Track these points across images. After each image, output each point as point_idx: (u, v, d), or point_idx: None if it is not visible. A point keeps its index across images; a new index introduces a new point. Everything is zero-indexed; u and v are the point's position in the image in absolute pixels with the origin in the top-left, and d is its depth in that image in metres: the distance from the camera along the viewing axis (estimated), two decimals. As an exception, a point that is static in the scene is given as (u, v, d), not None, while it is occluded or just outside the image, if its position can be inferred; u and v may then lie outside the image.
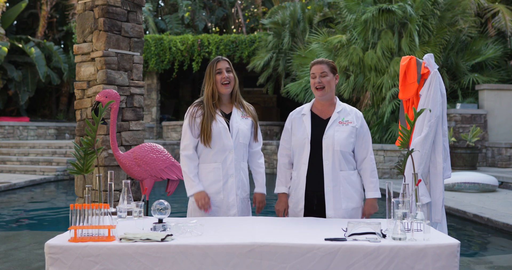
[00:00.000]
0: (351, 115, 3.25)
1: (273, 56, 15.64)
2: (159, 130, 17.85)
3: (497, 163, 11.84)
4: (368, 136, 3.27)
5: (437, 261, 2.35)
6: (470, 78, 12.75)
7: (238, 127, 3.30)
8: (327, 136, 3.17)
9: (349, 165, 3.21)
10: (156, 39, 16.94)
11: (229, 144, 3.25)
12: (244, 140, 3.33)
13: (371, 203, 3.25)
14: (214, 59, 3.34)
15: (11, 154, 13.89)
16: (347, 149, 3.18)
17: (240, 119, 3.34)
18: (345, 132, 3.18)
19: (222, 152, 3.26)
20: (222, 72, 3.28)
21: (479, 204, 7.52)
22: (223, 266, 2.35)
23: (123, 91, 4.39)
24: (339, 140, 3.15)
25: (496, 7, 13.10)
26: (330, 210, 3.15)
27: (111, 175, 2.91)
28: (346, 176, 3.18)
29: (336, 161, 3.15)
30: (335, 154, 3.15)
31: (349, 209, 3.17)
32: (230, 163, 3.26)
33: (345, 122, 3.20)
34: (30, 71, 17.97)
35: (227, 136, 3.25)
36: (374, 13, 11.77)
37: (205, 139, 3.22)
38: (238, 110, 3.37)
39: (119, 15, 4.36)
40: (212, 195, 3.27)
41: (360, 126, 3.24)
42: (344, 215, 3.16)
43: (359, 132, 3.23)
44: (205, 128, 3.21)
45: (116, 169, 4.27)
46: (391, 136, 12.09)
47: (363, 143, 3.24)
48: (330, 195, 3.15)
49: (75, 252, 2.35)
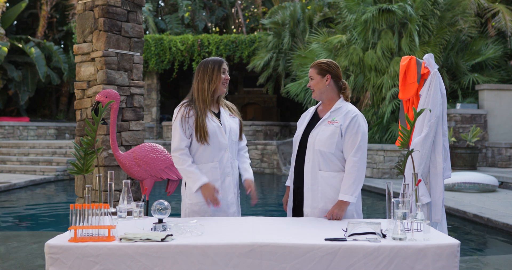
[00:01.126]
0: (342, 115, 3.15)
1: (273, 56, 15.64)
2: (159, 130, 17.85)
3: (497, 163, 11.85)
4: (356, 137, 3.08)
5: (437, 261, 2.35)
6: (470, 78, 12.75)
7: (230, 125, 3.31)
8: (312, 135, 3.17)
9: (332, 166, 3.12)
10: (156, 39, 16.95)
11: (224, 143, 3.25)
12: (235, 139, 3.35)
13: (338, 205, 3.05)
14: (218, 59, 3.30)
15: (11, 154, 13.89)
16: (328, 149, 3.10)
17: (230, 118, 3.36)
18: (327, 131, 3.12)
19: (218, 151, 3.24)
20: (225, 73, 3.30)
21: (479, 204, 7.52)
22: (223, 266, 2.35)
23: (123, 91, 4.39)
24: (320, 139, 3.12)
25: (496, 7, 13.10)
26: (307, 208, 3.17)
27: (111, 175, 2.91)
28: (326, 177, 3.12)
29: (315, 161, 3.13)
30: (315, 153, 3.13)
31: (326, 210, 3.11)
32: (227, 161, 3.26)
33: (333, 122, 3.15)
34: (30, 71, 17.98)
35: (222, 134, 3.24)
36: (374, 13, 11.77)
37: (202, 136, 3.16)
38: (225, 110, 3.38)
39: (119, 15, 4.36)
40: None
41: (348, 126, 3.11)
42: (320, 215, 3.13)
43: (345, 132, 3.11)
44: (200, 126, 3.16)
45: (116, 169, 4.27)
46: (391, 136, 12.10)
47: (348, 144, 3.10)
48: (309, 194, 3.16)
49: (75, 252, 2.35)
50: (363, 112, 12.32)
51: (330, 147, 3.10)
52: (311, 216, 3.14)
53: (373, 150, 11.58)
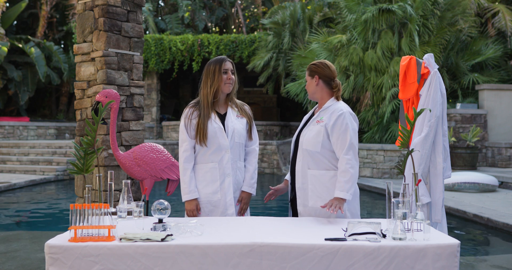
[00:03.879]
0: (328, 114, 3.16)
1: (273, 56, 15.64)
2: (159, 130, 17.85)
3: (497, 163, 11.84)
4: (344, 135, 3.07)
5: (437, 261, 2.35)
6: (470, 78, 12.75)
7: (233, 126, 3.34)
8: (302, 135, 3.25)
9: (320, 164, 3.15)
10: (156, 39, 16.94)
11: (225, 144, 3.29)
12: (239, 140, 3.37)
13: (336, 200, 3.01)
14: (219, 59, 3.33)
15: (11, 154, 13.89)
16: (314, 148, 3.14)
17: (235, 119, 3.39)
18: (313, 131, 3.18)
19: (218, 152, 3.29)
20: (228, 72, 3.33)
21: (479, 204, 7.52)
22: (223, 266, 2.35)
23: (123, 91, 4.39)
24: (307, 139, 3.18)
25: (496, 7, 13.10)
26: (300, 206, 3.22)
27: (111, 175, 2.91)
28: (315, 175, 3.16)
29: (304, 160, 3.19)
30: (304, 152, 3.19)
31: (317, 208, 3.13)
32: (227, 162, 3.30)
33: (320, 121, 3.18)
34: (30, 71, 17.97)
35: (222, 136, 3.29)
36: (374, 13, 11.77)
37: (201, 139, 3.26)
38: (233, 110, 3.41)
39: (119, 15, 4.36)
40: (209, 195, 3.30)
41: (334, 124, 3.10)
42: (311, 213, 3.16)
43: (332, 131, 3.11)
44: (201, 128, 3.26)
45: (116, 169, 4.27)
46: (391, 136, 12.10)
47: (337, 142, 3.10)
48: (300, 192, 3.21)
49: (75, 252, 2.35)
50: (363, 112, 12.32)
51: (316, 146, 3.14)
52: (303, 214, 3.19)
53: (373, 150, 11.58)
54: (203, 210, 3.31)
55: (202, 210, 3.31)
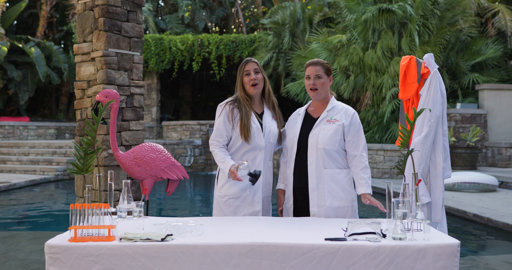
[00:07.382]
0: (341, 113, 3.27)
1: (273, 56, 15.63)
2: (159, 130, 17.84)
3: (497, 163, 11.84)
4: (359, 134, 3.25)
5: (437, 261, 2.35)
6: (470, 78, 12.75)
7: (270, 127, 3.41)
8: (313, 134, 3.25)
9: (336, 163, 3.23)
10: (156, 39, 16.94)
11: (260, 144, 3.35)
12: (274, 140, 3.44)
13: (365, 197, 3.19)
14: (242, 63, 3.43)
15: (11, 154, 13.88)
16: (332, 147, 3.20)
17: (271, 120, 3.46)
18: (330, 130, 3.22)
19: (253, 151, 3.35)
20: (250, 73, 3.37)
21: (479, 204, 7.52)
22: (223, 266, 2.35)
23: (123, 91, 4.39)
24: (323, 138, 3.20)
25: (496, 7, 13.10)
26: (314, 207, 3.21)
27: (111, 175, 2.91)
28: (331, 174, 3.21)
29: (320, 159, 3.20)
30: (318, 152, 3.20)
31: (333, 207, 3.18)
32: (259, 162, 3.36)
33: (332, 121, 3.25)
34: (30, 71, 17.97)
35: (260, 135, 3.35)
36: (374, 13, 11.77)
37: (246, 135, 3.29)
38: (269, 111, 3.48)
39: (119, 15, 4.36)
40: (238, 191, 3.35)
41: (350, 124, 3.24)
42: (328, 213, 3.18)
43: (348, 130, 3.23)
44: (245, 124, 3.30)
45: (116, 169, 4.27)
46: (391, 136, 12.10)
47: (354, 141, 3.24)
48: (314, 193, 3.21)
49: (75, 252, 2.35)
50: (363, 112, 12.33)
51: (334, 145, 3.20)
52: (318, 215, 3.19)
53: (373, 150, 11.58)
54: (230, 204, 3.35)
55: (230, 204, 3.35)
